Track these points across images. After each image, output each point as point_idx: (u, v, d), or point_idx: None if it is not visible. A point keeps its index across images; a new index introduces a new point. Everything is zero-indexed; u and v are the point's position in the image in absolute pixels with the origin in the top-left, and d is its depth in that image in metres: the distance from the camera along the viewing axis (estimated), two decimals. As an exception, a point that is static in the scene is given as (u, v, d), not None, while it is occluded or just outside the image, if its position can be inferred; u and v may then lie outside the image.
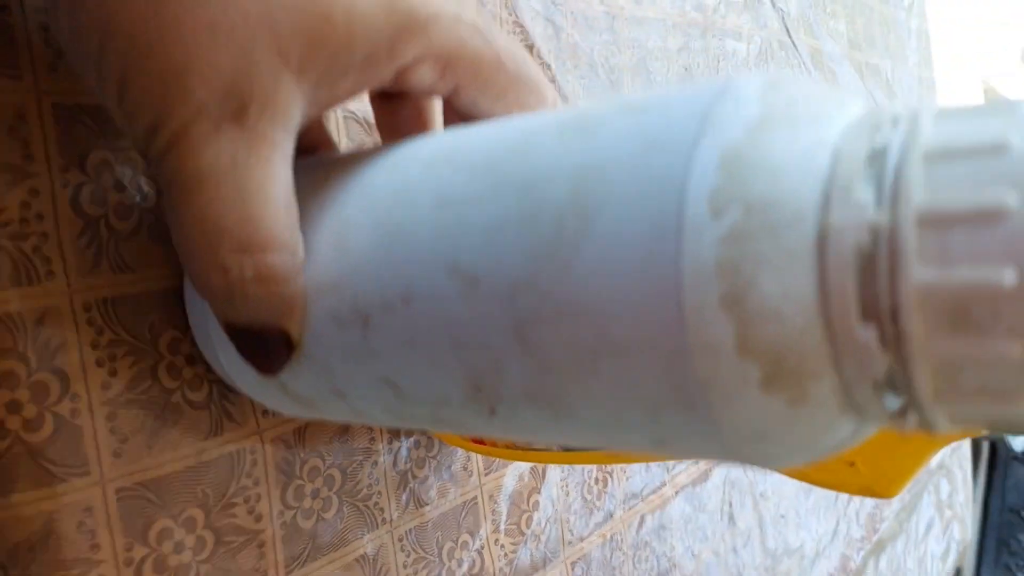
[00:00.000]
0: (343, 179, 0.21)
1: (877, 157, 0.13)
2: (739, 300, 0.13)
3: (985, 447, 2.49)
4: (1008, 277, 0.11)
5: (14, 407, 0.22)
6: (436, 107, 0.24)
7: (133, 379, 0.24)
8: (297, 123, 0.19)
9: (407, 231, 0.18)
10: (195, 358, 0.25)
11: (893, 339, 0.13)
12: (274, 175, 0.18)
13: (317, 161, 0.23)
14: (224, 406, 0.26)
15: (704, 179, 0.14)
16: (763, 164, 0.13)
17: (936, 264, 0.12)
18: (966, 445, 0.90)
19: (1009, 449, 2.40)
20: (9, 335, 0.22)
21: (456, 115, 0.23)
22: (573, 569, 0.39)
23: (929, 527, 0.80)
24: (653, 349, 0.14)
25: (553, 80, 0.39)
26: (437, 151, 0.20)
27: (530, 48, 0.38)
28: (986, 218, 0.12)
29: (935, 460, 0.82)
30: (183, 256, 0.19)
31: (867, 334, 0.13)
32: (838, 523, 0.64)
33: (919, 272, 0.12)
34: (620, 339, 0.15)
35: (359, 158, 0.22)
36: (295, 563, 0.28)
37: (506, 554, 0.36)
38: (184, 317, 0.25)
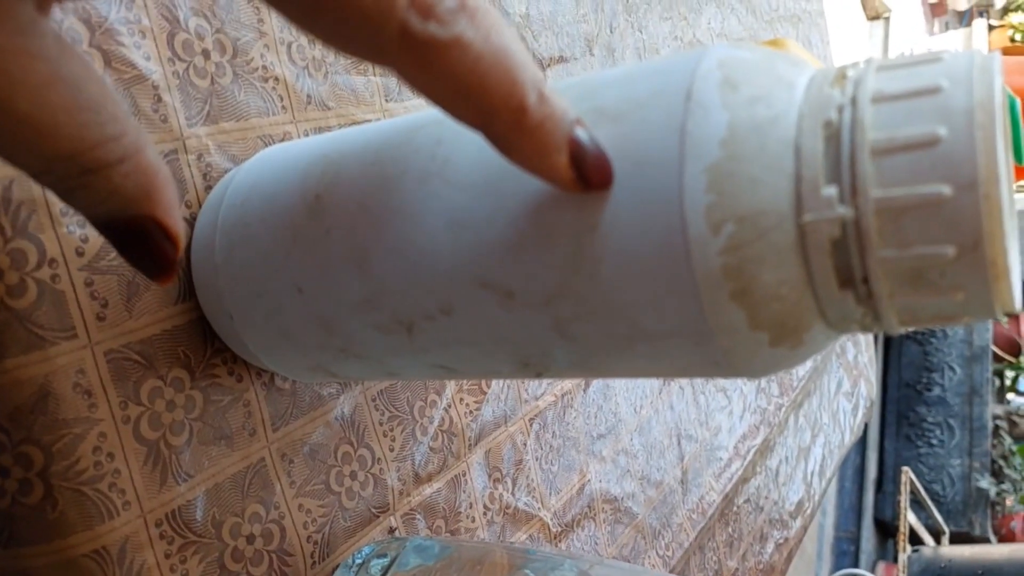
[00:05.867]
0: (340, 199, 0.22)
1: (832, 143, 0.16)
2: (746, 292, 0.16)
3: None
4: (950, 251, 0.15)
5: (-5, 274, 0.22)
6: None
7: (102, 248, 0.24)
8: None
9: (427, 253, 0.20)
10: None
11: (866, 296, 0.16)
12: None
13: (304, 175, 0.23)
14: (189, 274, 0.27)
15: (697, 199, 0.16)
16: (743, 178, 0.16)
17: (894, 245, 0.15)
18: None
19: (901, 329, 2.57)
20: None
21: None
22: (531, 425, 0.42)
23: (839, 386, 0.87)
24: (681, 334, 0.18)
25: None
26: (423, 165, 0.20)
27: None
28: (928, 206, 0.15)
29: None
30: None
31: (845, 296, 0.16)
32: (759, 383, 0.68)
33: (882, 252, 0.15)
34: (652, 330, 0.18)
35: (338, 170, 0.22)
36: (280, 420, 0.29)
37: (471, 411, 0.38)
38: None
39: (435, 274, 0.20)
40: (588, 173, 0.17)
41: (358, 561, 0.31)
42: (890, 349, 2.70)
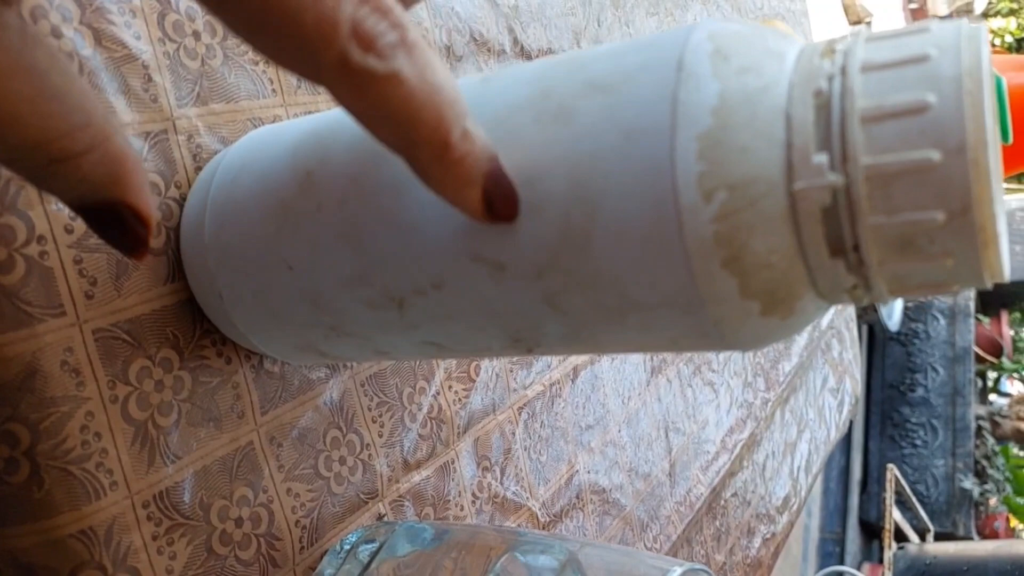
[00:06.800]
0: (330, 174, 0.22)
1: (822, 112, 0.16)
2: (736, 260, 0.16)
3: (864, 331, 2.68)
4: (939, 217, 0.15)
5: (-17, 250, 0.22)
6: None
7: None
8: None
9: (418, 226, 0.20)
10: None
11: (856, 264, 0.16)
12: None
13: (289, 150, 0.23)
14: (178, 254, 0.27)
15: (689, 167, 0.16)
16: (734, 146, 0.16)
17: (884, 211, 0.15)
18: (851, 306, 0.97)
19: (886, 331, 2.59)
20: None
21: None
22: (520, 414, 0.42)
23: (824, 382, 0.87)
24: (672, 304, 0.18)
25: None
26: None
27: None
28: (917, 172, 0.15)
29: (826, 320, 0.89)
30: None
31: (836, 264, 0.16)
32: (746, 377, 0.69)
33: (872, 218, 0.15)
34: (643, 300, 0.18)
35: (329, 146, 0.22)
36: (269, 404, 0.29)
37: (460, 399, 0.38)
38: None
39: (426, 247, 0.20)
40: (497, 206, 0.18)
41: (346, 547, 0.31)
42: (873, 350, 2.72)
